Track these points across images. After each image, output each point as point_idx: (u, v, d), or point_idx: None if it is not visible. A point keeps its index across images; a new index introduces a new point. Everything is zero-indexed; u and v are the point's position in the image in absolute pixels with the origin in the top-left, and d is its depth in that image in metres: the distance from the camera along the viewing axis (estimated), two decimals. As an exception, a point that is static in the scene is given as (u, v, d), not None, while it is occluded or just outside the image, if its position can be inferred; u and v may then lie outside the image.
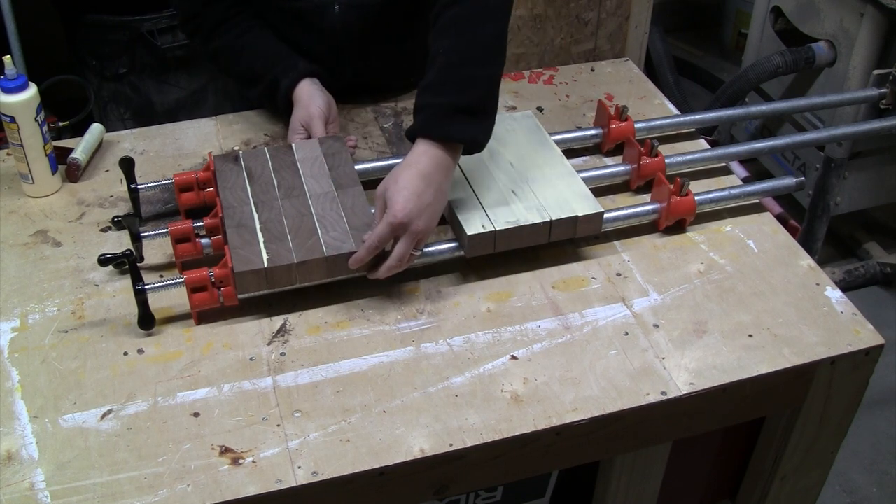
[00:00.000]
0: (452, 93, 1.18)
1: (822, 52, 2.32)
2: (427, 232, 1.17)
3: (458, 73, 1.19)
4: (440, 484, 1.06)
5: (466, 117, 1.18)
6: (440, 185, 1.17)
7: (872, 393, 1.30)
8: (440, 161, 1.17)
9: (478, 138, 1.21)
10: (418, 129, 1.19)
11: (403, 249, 1.16)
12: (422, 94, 1.20)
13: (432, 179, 1.16)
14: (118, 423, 1.04)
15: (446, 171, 1.18)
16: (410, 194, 1.14)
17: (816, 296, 1.25)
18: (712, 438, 1.32)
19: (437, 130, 1.17)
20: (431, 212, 1.16)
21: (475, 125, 1.20)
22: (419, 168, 1.16)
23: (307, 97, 1.42)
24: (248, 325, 1.18)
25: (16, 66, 1.33)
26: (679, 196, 1.32)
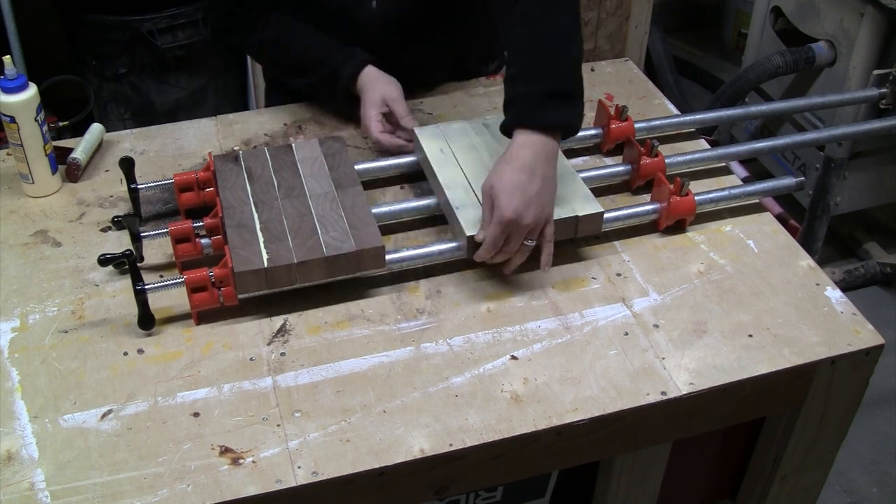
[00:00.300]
0: (541, 79, 1.17)
1: (822, 52, 2.32)
2: (539, 222, 1.16)
3: (543, 60, 1.19)
4: (440, 484, 1.06)
5: (559, 101, 1.18)
6: (544, 174, 1.16)
7: (872, 393, 1.29)
8: (541, 150, 1.16)
9: (573, 121, 1.20)
10: (513, 121, 1.18)
11: (514, 244, 1.16)
12: (510, 85, 1.20)
13: (535, 171, 1.15)
14: (118, 423, 1.04)
15: (548, 158, 1.17)
16: (515, 189, 1.13)
17: (816, 296, 1.25)
18: (712, 438, 1.32)
19: (532, 119, 1.16)
20: (539, 202, 1.15)
21: (568, 108, 1.19)
22: (521, 161, 1.15)
23: (379, 80, 1.43)
24: (248, 325, 1.18)
25: (16, 66, 1.33)
26: (679, 196, 1.32)
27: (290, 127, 1.55)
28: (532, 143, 1.16)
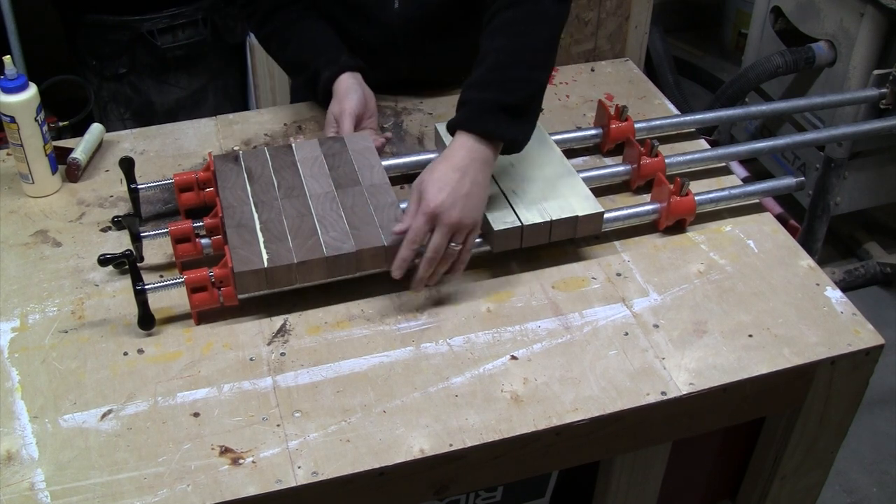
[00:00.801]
0: (497, 91, 1.19)
1: (822, 52, 2.32)
2: (464, 224, 1.16)
3: (506, 73, 1.20)
4: (440, 484, 1.06)
5: (508, 116, 1.18)
6: (476, 177, 1.16)
7: (872, 393, 1.30)
8: (477, 155, 1.17)
9: (517, 139, 1.21)
10: (458, 122, 1.19)
11: (439, 240, 1.15)
12: (467, 89, 1.21)
13: (467, 171, 1.16)
14: (118, 423, 1.04)
15: (483, 164, 1.17)
16: (444, 185, 1.14)
17: (816, 296, 1.25)
18: (712, 438, 1.32)
19: (476, 125, 1.18)
20: (467, 203, 1.15)
21: (515, 125, 1.20)
22: (455, 160, 1.16)
23: (343, 92, 1.44)
24: (248, 325, 1.18)
25: (16, 66, 1.33)
26: (679, 196, 1.32)
27: (290, 127, 1.55)
28: (469, 146, 1.17)
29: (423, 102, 1.61)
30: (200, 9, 2.52)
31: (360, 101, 1.43)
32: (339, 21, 1.51)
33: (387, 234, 1.20)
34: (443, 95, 1.63)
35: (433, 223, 1.14)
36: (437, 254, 1.16)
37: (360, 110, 1.43)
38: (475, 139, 1.18)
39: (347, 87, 1.44)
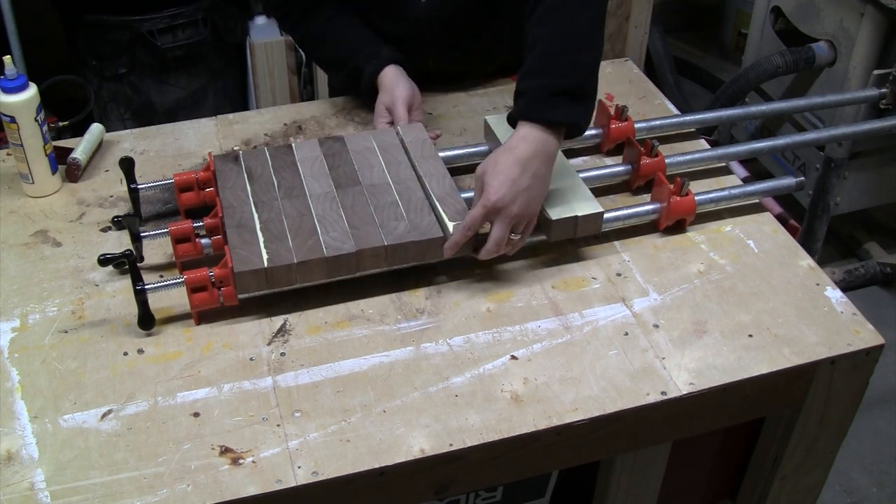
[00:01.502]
0: (554, 76, 1.18)
1: (822, 52, 2.32)
2: (524, 216, 1.17)
3: (559, 58, 1.20)
4: (440, 484, 1.06)
5: (568, 100, 1.18)
6: (538, 170, 1.16)
7: (872, 393, 1.30)
8: (539, 146, 1.17)
9: (579, 122, 1.20)
10: (519, 112, 1.19)
11: (499, 234, 1.16)
12: (522, 79, 1.21)
13: (529, 164, 1.16)
14: (118, 423, 1.04)
15: (546, 156, 1.17)
16: (506, 179, 1.14)
17: (816, 296, 1.25)
18: (712, 438, 1.32)
19: (537, 113, 1.17)
20: (528, 197, 1.16)
21: (576, 108, 1.20)
22: (517, 153, 1.16)
23: (391, 82, 1.45)
24: (248, 325, 1.18)
25: (16, 66, 1.33)
26: (679, 196, 1.32)
27: (290, 127, 1.55)
28: (532, 137, 1.17)
29: (424, 102, 1.61)
30: (200, 9, 2.52)
31: (410, 90, 1.45)
32: (366, 16, 1.53)
33: (387, 233, 1.20)
34: (442, 95, 1.63)
35: (492, 216, 1.16)
36: (498, 246, 1.18)
37: (411, 99, 1.44)
38: (538, 128, 1.17)
39: (394, 77, 1.46)
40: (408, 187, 1.29)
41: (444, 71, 1.60)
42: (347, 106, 1.60)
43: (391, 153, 1.35)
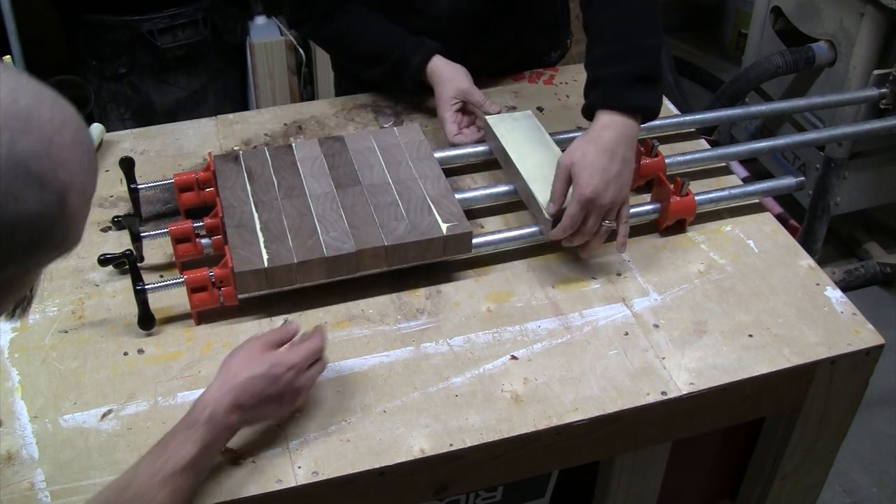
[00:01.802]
0: (627, 62, 1.20)
1: (822, 52, 2.32)
2: (617, 203, 1.18)
3: (628, 44, 1.22)
4: (440, 484, 1.06)
5: (641, 85, 1.20)
6: (624, 156, 1.17)
7: (872, 393, 1.29)
8: (623, 132, 1.18)
9: (655, 105, 1.23)
10: (598, 101, 1.20)
11: (592, 223, 1.18)
12: (594, 67, 1.23)
13: (616, 152, 1.17)
14: (118, 423, 1.04)
15: (630, 141, 1.19)
16: (596, 170, 1.15)
17: (816, 296, 1.25)
18: (712, 438, 1.32)
19: (617, 101, 1.19)
20: (618, 184, 1.17)
21: (650, 93, 1.21)
22: (603, 142, 1.17)
23: (450, 71, 1.46)
24: (248, 325, 1.18)
25: (16, 66, 1.33)
26: (679, 196, 1.32)
27: (290, 127, 1.55)
28: (615, 124, 1.18)
29: (424, 103, 1.61)
30: (200, 9, 2.52)
31: (468, 73, 1.46)
32: (386, 14, 1.53)
33: (387, 233, 1.20)
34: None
35: (588, 207, 1.16)
36: (590, 234, 1.19)
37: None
38: (618, 115, 1.18)
39: (447, 66, 1.47)
40: (408, 187, 1.29)
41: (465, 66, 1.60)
42: (347, 106, 1.60)
43: (391, 153, 1.35)
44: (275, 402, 0.99)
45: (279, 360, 0.98)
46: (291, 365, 0.99)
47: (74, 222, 0.66)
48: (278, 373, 0.98)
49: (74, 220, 0.66)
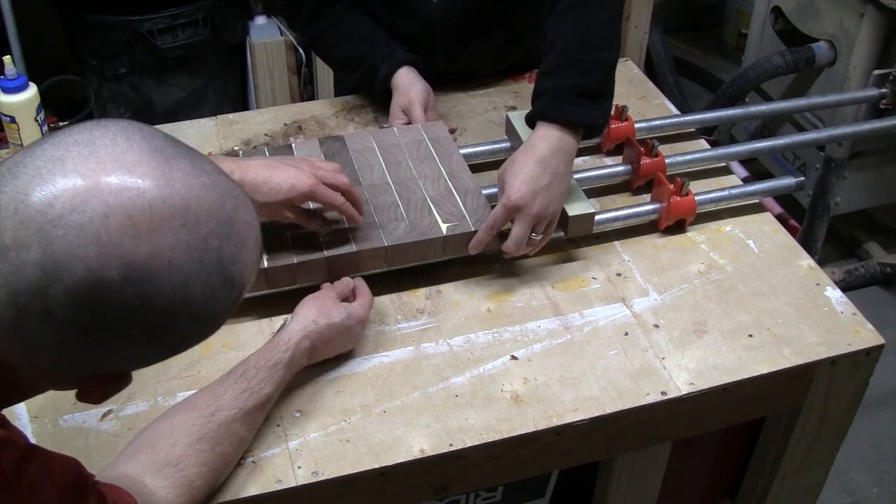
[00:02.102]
0: (573, 76, 1.20)
1: (822, 52, 2.32)
2: (545, 216, 1.17)
3: (578, 58, 1.21)
4: (440, 484, 1.06)
5: (586, 100, 1.20)
6: (557, 168, 1.17)
7: (872, 393, 1.29)
8: (558, 145, 1.18)
9: (597, 122, 1.23)
10: (538, 112, 1.20)
11: (520, 233, 1.17)
12: (542, 78, 1.23)
13: (549, 164, 1.17)
14: (118, 423, 1.04)
15: (565, 155, 1.18)
16: (525, 178, 1.15)
17: (816, 296, 1.25)
18: (712, 438, 1.32)
19: (557, 114, 1.19)
20: (548, 195, 1.16)
21: (595, 108, 1.21)
22: (536, 152, 1.17)
23: (406, 83, 1.45)
24: (248, 325, 1.18)
25: (16, 66, 1.33)
26: (679, 196, 1.32)
27: (290, 127, 1.55)
28: (552, 136, 1.18)
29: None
30: (200, 9, 2.52)
31: (425, 90, 1.45)
32: (377, 15, 1.53)
33: (387, 233, 1.20)
34: (442, 94, 1.63)
35: (513, 215, 1.16)
36: (519, 245, 1.18)
37: (426, 100, 1.45)
38: (557, 128, 1.18)
39: (409, 78, 1.46)
40: (408, 187, 1.29)
41: (453, 69, 1.60)
42: (347, 106, 1.60)
43: (391, 153, 1.35)
44: (338, 346, 1.11)
45: (352, 312, 1.10)
46: (360, 318, 1.11)
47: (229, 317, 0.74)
48: (350, 324, 1.10)
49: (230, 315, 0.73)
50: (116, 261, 0.63)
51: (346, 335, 1.10)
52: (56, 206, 0.62)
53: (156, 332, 0.68)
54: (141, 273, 0.64)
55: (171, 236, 0.65)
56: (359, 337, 1.13)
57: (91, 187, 0.63)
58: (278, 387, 1.02)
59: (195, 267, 0.67)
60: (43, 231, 0.62)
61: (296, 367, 1.04)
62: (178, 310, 0.67)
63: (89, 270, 0.63)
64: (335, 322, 1.07)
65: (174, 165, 0.67)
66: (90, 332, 0.66)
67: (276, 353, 1.02)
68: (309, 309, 1.08)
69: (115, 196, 0.64)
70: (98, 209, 0.63)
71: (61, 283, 0.63)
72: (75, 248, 0.62)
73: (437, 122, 1.43)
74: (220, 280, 0.69)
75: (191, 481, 0.90)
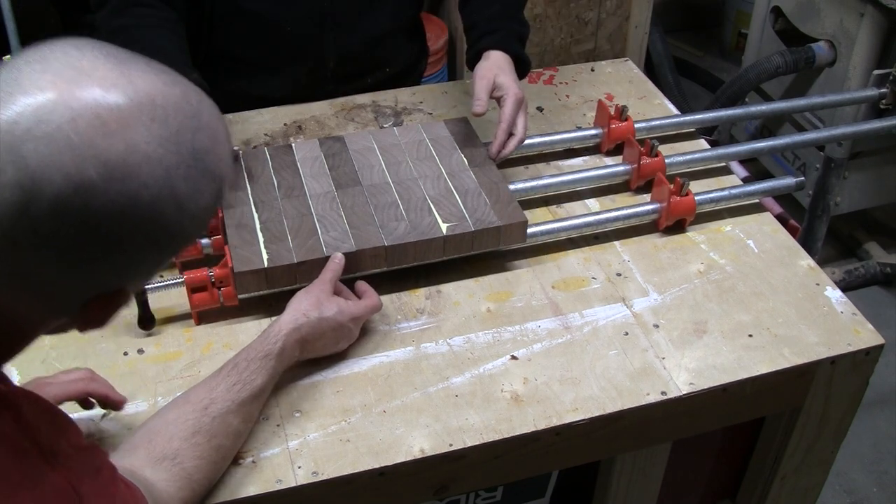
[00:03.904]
0: (517, 23, 1.44)
1: (822, 52, 2.32)
2: None
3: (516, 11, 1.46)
4: (440, 484, 1.06)
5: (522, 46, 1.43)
6: None
7: (872, 393, 1.29)
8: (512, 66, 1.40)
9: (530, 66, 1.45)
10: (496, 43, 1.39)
11: (523, 123, 1.35)
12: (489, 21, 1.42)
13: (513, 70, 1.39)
14: (118, 423, 1.04)
15: None
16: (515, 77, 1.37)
17: (816, 296, 1.25)
18: (712, 438, 1.32)
19: (511, 47, 1.40)
20: None
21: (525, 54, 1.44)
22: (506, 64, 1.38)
23: None
24: (248, 325, 1.18)
25: (16, 66, 1.32)
26: (679, 196, 1.32)
27: (290, 127, 1.55)
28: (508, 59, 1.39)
29: (424, 102, 1.61)
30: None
31: None
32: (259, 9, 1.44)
33: (387, 234, 1.20)
34: (441, 94, 1.63)
35: (520, 107, 1.34)
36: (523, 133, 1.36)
37: None
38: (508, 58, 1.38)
39: None
40: (408, 187, 1.29)
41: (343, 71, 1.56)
42: (347, 106, 1.60)
43: (391, 153, 1.35)
44: (331, 343, 1.10)
45: (345, 308, 1.10)
46: (354, 316, 1.11)
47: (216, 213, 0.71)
48: (343, 320, 1.09)
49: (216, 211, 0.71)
50: (92, 161, 0.62)
51: (338, 331, 1.10)
52: (21, 122, 0.61)
53: (147, 232, 0.67)
54: (121, 170, 0.63)
55: (144, 131, 0.64)
56: (353, 335, 1.13)
57: (52, 97, 0.62)
58: (271, 377, 1.02)
59: (173, 159, 0.66)
60: (13, 149, 0.61)
61: (287, 358, 1.04)
62: (165, 205, 0.66)
63: (67, 177, 0.61)
64: (326, 316, 1.07)
65: (131, 66, 0.67)
66: (83, 245, 0.64)
67: (266, 344, 1.02)
68: (300, 302, 1.08)
69: (78, 100, 0.63)
70: (64, 115, 0.62)
71: (43, 197, 0.61)
72: (49, 158, 0.61)
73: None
74: (200, 171, 0.68)
75: (189, 474, 0.91)
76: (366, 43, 1.54)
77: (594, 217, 1.32)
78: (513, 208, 1.26)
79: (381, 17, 1.53)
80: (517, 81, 1.36)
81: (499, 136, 1.34)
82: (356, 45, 1.53)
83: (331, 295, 1.11)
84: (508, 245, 1.28)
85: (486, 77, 1.35)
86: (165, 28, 1.37)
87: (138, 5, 1.36)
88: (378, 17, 1.52)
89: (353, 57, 1.54)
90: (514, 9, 1.47)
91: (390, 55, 1.61)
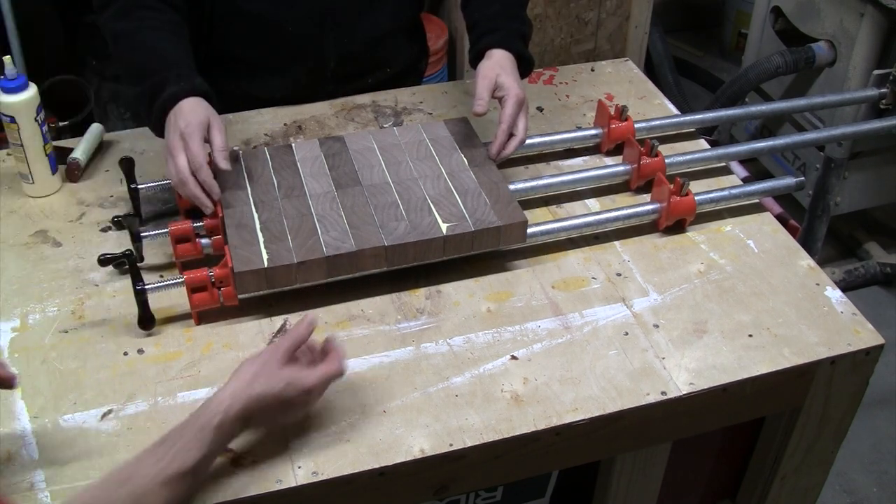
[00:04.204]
0: (519, 22, 1.44)
1: (822, 52, 2.32)
2: None
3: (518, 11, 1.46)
4: (440, 484, 1.06)
5: (524, 45, 1.43)
6: None
7: (872, 393, 1.30)
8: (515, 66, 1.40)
9: (533, 65, 1.45)
10: (498, 42, 1.39)
11: (524, 124, 1.35)
12: (490, 20, 1.42)
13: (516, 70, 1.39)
14: (118, 423, 1.04)
15: None
16: (517, 78, 1.37)
17: (816, 296, 1.25)
18: (712, 438, 1.32)
19: (513, 46, 1.40)
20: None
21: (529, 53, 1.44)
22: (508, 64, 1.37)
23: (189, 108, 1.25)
24: (248, 325, 1.18)
25: (16, 66, 1.33)
26: (679, 196, 1.32)
27: (290, 127, 1.55)
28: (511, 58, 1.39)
29: (424, 102, 1.61)
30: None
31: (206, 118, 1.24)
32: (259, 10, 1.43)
33: (387, 234, 1.20)
34: (441, 94, 1.63)
35: (520, 108, 1.34)
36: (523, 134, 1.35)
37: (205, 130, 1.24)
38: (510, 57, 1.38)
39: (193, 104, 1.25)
40: (408, 188, 1.29)
41: (343, 71, 1.56)
42: (347, 106, 1.60)
43: (391, 153, 1.35)
44: (280, 417, 1.00)
45: (295, 380, 0.98)
46: (306, 388, 0.98)
47: None
48: (291, 394, 0.97)
49: None
50: None
51: (286, 405, 0.98)
52: None
53: None
54: None
55: None
56: (307, 405, 1.01)
57: None
58: (210, 451, 0.93)
59: None
60: None
61: (228, 432, 0.95)
62: None
63: None
64: (272, 391, 0.96)
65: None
66: None
67: (203, 416, 0.94)
68: (245, 372, 0.97)
69: None
70: None
71: None
72: None
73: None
74: None
75: None
76: (366, 43, 1.54)
77: (594, 217, 1.32)
78: (513, 208, 1.26)
79: (382, 17, 1.53)
80: (519, 81, 1.36)
81: (499, 136, 1.33)
82: (356, 45, 1.53)
83: (282, 366, 0.98)
84: (508, 245, 1.28)
85: (488, 76, 1.35)
86: (169, 31, 1.35)
87: (142, 7, 1.34)
88: (378, 17, 1.53)
89: (353, 57, 1.54)
90: (515, 7, 1.46)
91: (390, 55, 1.61)
